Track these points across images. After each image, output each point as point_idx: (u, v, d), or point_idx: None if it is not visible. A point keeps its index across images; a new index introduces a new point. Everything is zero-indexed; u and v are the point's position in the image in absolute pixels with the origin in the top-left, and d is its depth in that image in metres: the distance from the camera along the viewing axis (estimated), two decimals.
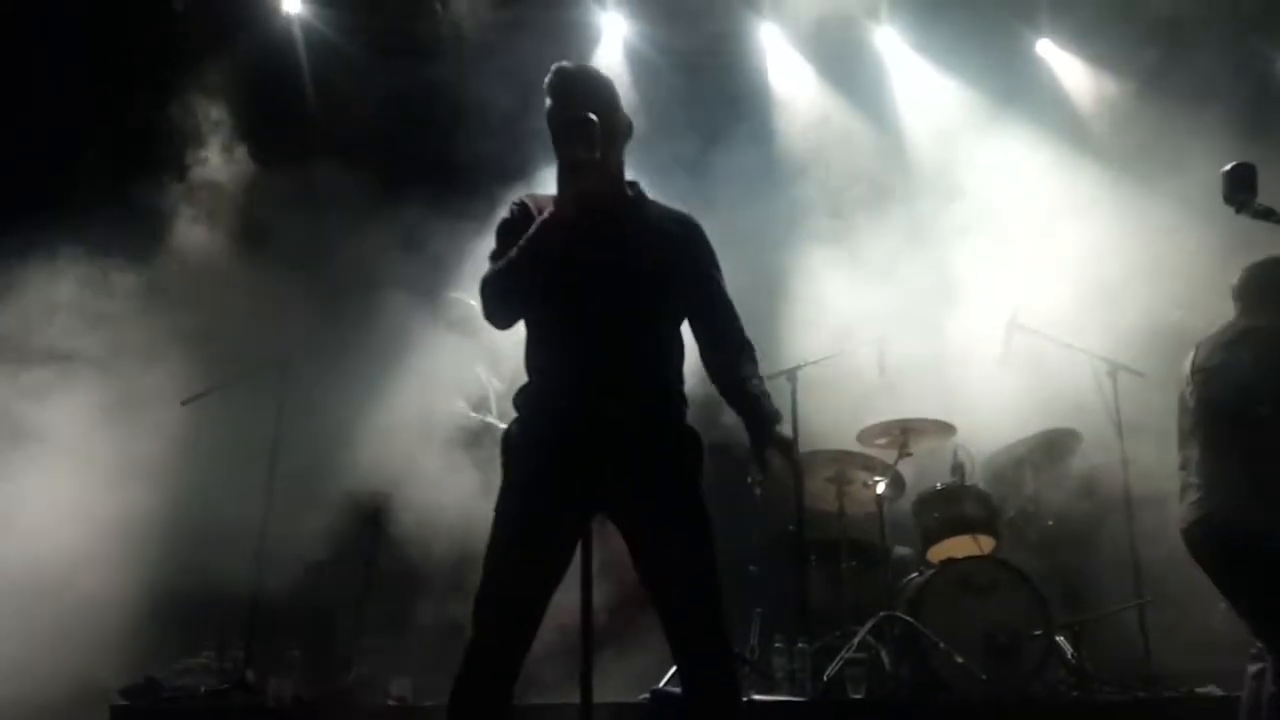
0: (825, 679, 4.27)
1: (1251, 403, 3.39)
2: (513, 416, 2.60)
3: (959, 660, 4.29)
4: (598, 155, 2.44)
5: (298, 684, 4.48)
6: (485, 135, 5.95)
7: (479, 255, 2.67)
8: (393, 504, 5.19)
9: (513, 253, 2.49)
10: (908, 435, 5.06)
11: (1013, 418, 5.29)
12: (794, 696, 4.29)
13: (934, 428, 5.11)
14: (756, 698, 4.24)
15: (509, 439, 2.56)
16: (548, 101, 2.57)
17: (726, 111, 6.67)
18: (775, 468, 2.56)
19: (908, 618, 4.49)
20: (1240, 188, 2.68)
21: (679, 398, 2.60)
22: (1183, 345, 3.81)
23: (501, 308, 2.55)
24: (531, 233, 2.48)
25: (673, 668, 3.83)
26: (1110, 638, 4.94)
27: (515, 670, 2.38)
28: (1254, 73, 6.53)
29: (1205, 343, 3.66)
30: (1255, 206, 2.69)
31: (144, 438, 5.33)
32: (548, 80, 2.57)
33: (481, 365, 5.42)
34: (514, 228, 2.56)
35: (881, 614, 4.55)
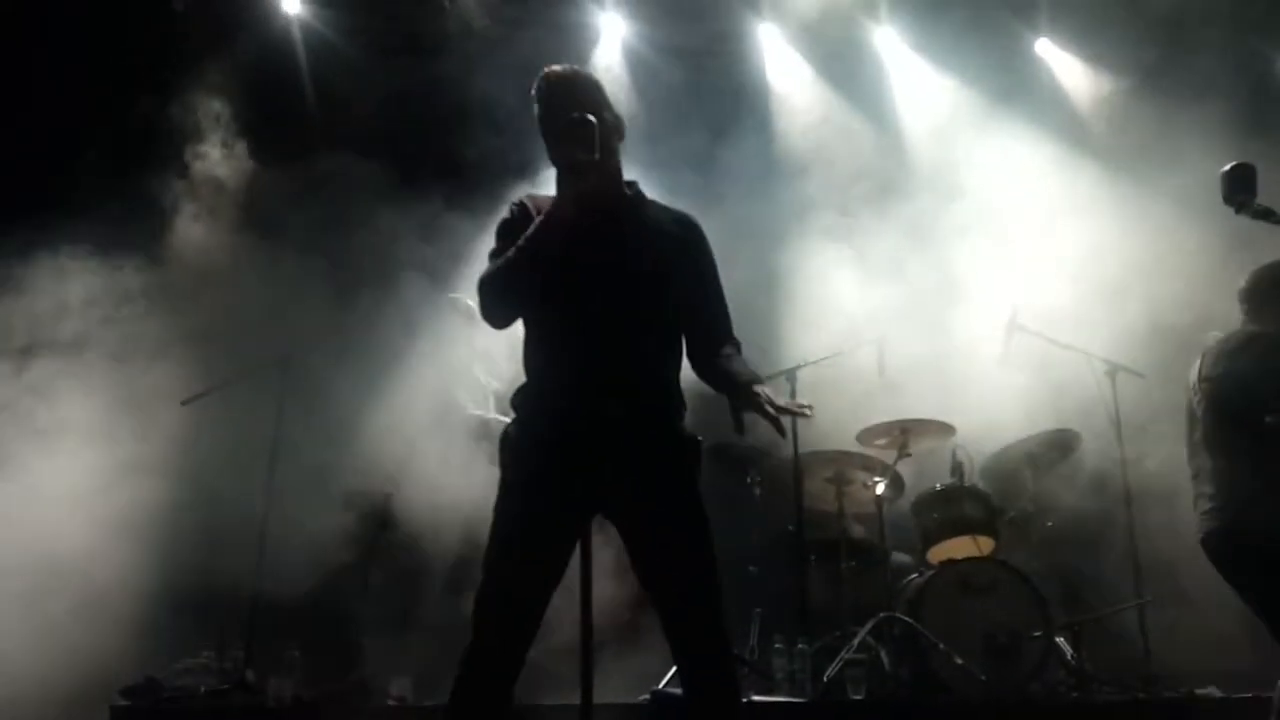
0: (825, 680, 4.27)
1: (1258, 409, 3.39)
2: (511, 416, 2.60)
3: (959, 661, 4.29)
4: (597, 156, 2.45)
5: (298, 684, 4.48)
6: (485, 136, 5.96)
7: (479, 254, 2.68)
8: (393, 503, 5.20)
9: (512, 252, 2.50)
10: (907, 436, 5.06)
11: (1012, 418, 5.29)
12: (794, 697, 4.29)
13: (933, 428, 5.11)
14: (756, 698, 4.23)
15: (508, 439, 2.56)
16: (537, 107, 2.58)
17: (725, 111, 6.66)
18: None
19: (907, 618, 4.49)
20: (1240, 188, 2.68)
21: (678, 398, 2.60)
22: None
23: (500, 307, 2.56)
24: (531, 232, 2.49)
25: (673, 668, 3.83)
26: (1110, 638, 4.94)
27: (515, 670, 2.39)
28: (1253, 72, 6.53)
29: (1210, 350, 3.65)
30: (1255, 207, 2.69)
31: (145, 437, 5.33)
32: (536, 86, 2.58)
33: (479, 364, 5.42)
34: (514, 228, 2.57)
35: (881, 615, 4.55)
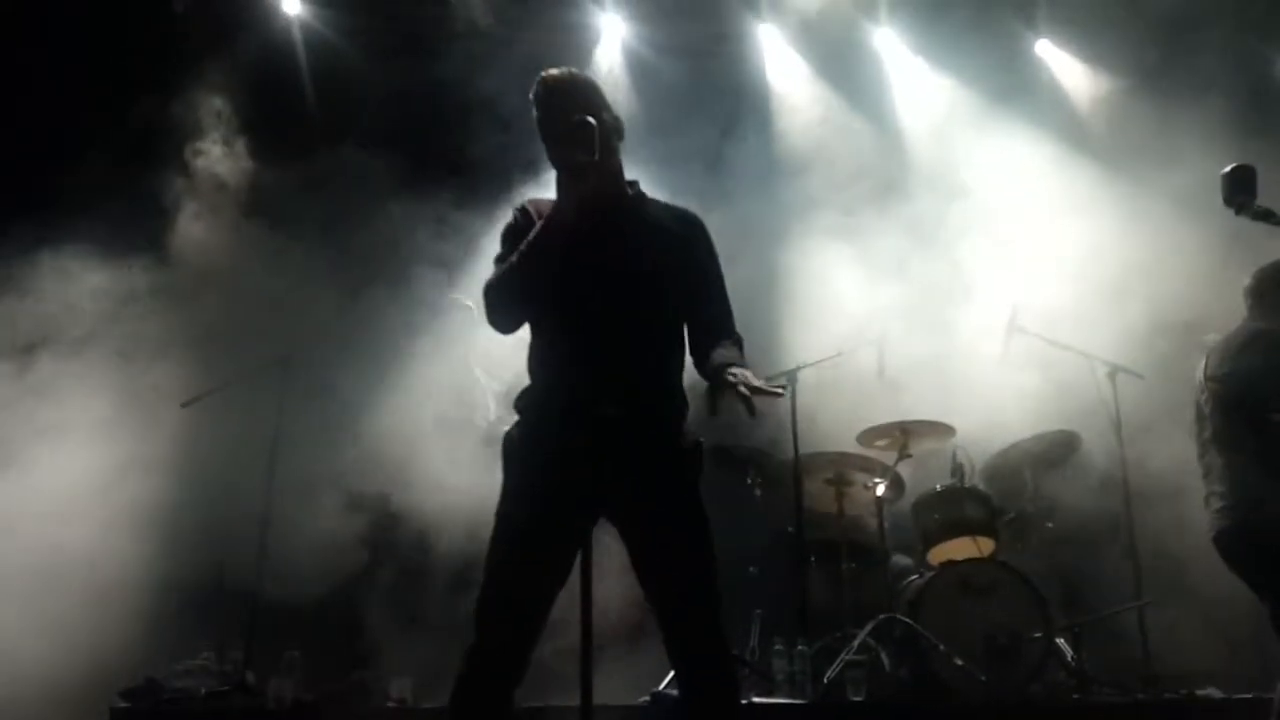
0: (825, 681, 4.27)
1: (1265, 406, 3.39)
2: (514, 418, 2.60)
3: (959, 662, 4.28)
4: (597, 158, 2.45)
5: (298, 685, 4.48)
6: (488, 135, 5.96)
7: (483, 254, 2.68)
8: (394, 505, 5.20)
9: (514, 257, 2.51)
10: (907, 437, 5.06)
11: (1012, 419, 5.29)
12: (794, 699, 4.28)
13: (933, 429, 5.10)
14: (756, 700, 4.23)
15: (510, 440, 2.56)
16: (535, 111, 2.58)
17: (725, 112, 6.66)
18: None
19: (908, 619, 4.49)
20: (1240, 190, 2.68)
21: (680, 400, 2.60)
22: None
23: (504, 311, 2.56)
24: (533, 236, 2.49)
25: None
26: (1110, 639, 4.94)
27: (517, 671, 2.39)
28: (1253, 72, 6.53)
29: (1216, 349, 3.66)
30: (1255, 208, 2.69)
31: (146, 438, 5.33)
32: (534, 90, 2.59)
33: (479, 367, 5.42)
34: (516, 232, 2.58)
35: (881, 616, 4.54)
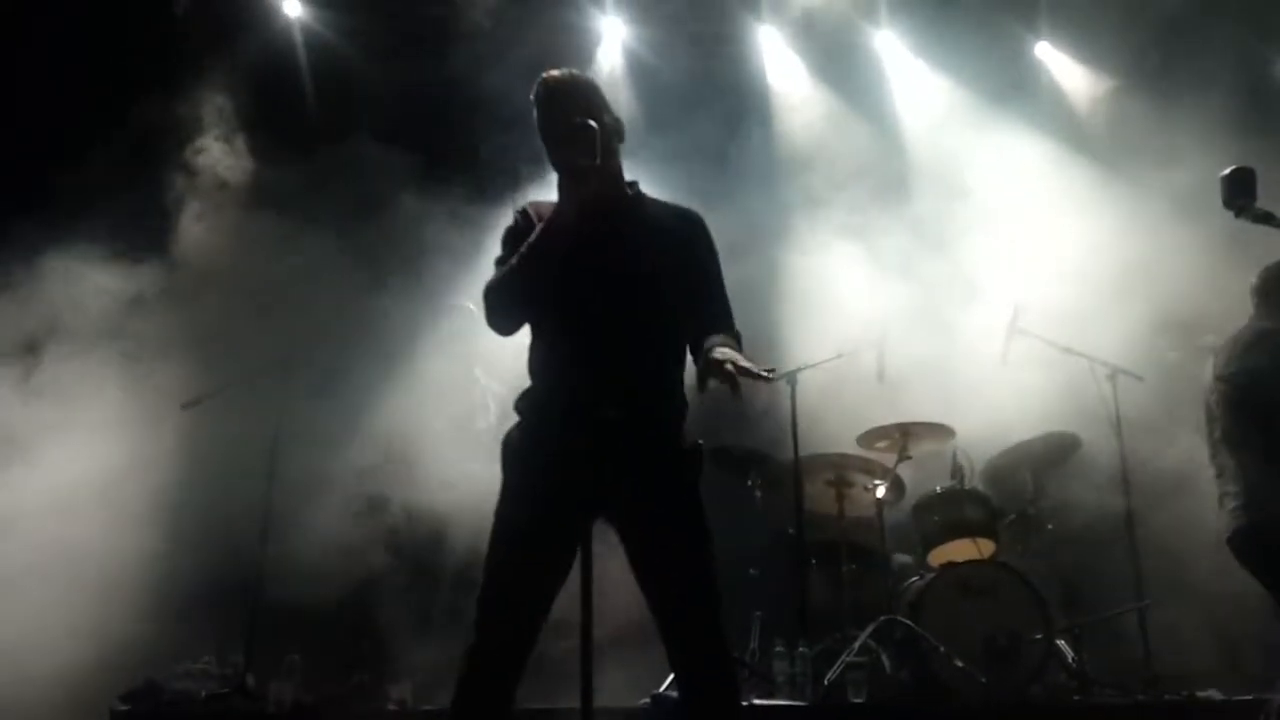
0: (826, 683, 4.27)
1: (1273, 405, 3.40)
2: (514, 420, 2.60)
3: (959, 664, 4.28)
4: (598, 160, 2.45)
5: (298, 689, 4.48)
6: (488, 138, 5.97)
7: (485, 255, 2.69)
8: (395, 507, 5.20)
9: (515, 260, 2.51)
10: (907, 438, 5.06)
11: (1013, 420, 5.29)
12: (794, 701, 4.28)
13: (933, 431, 5.10)
14: (757, 702, 4.23)
15: (509, 442, 2.57)
16: (536, 113, 2.59)
17: (724, 114, 6.67)
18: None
19: (908, 621, 4.49)
20: (1239, 192, 2.68)
21: (679, 401, 2.61)
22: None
23: (504, 313, 2.56)
24: (534, 239, 2.49)
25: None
26: (1110, 641, 4.94)
27: (516, 672, 2.39)
28: (1253, 72, 6.53)
29: (1223, 348, 3.67)
30: (1255, 210, 2.69)
31: (148, 439, 5.33)
32: (534, 91, 2.59)
33: (480, 369, 5.42)
34: (517, 235, 2.58)
35: (882, 617, 4.54)
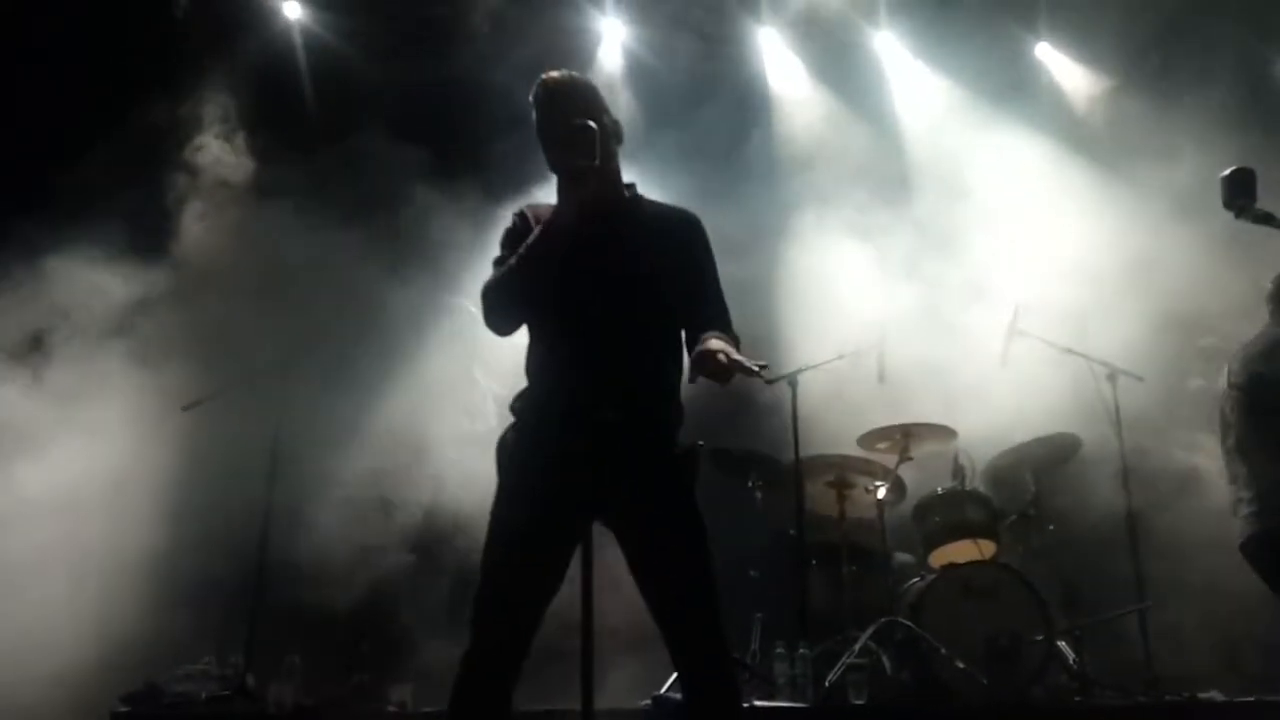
0: (827, 685, 4.27)
1: None
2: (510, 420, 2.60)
3: (960, 665, 4.28)
4: (597, 161, 2.45)
5: (298, 690, 4.48)
6: (487, 141, 5.97)
7: (484, 256, 2.68)
8: (396, 509, 5.20)
9: (513, 260, 2.51)
10: (908, 439, 5.06)
11: (1013, 422, 5.29)
12: (795, 702, 4.28)
13: (934, 432, 5.10)
14: (758, 704, 4.22)
15: (505, 443, 2.56)
16: (535, 114, 2.59)
17: (724, 116, 6.67)
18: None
19: (909, 623, 4.48)
20: (1239, 192, 2.68)
21: (676, 403, 2.60)
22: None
23: (502, 314, 2.56)
24: (532, 240, 2.49)
25: (675, 673, 3.82)
26: (1111, 642, 4.94)
27: (513, 673, 2.38)
28: (1253, 71, 6.53)
29: (1237, 355, 3.68)
30: (1255, 211, 2.69)
31: (149, 440, 5.33)
32: (534, 93, 2.59)
33: (479, 369, 5.42)
34: (515, 236, 2.58)
35: (883, 619, 4.54)
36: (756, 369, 2.35)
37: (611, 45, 6.94)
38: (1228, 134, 5.52)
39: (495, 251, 2.67)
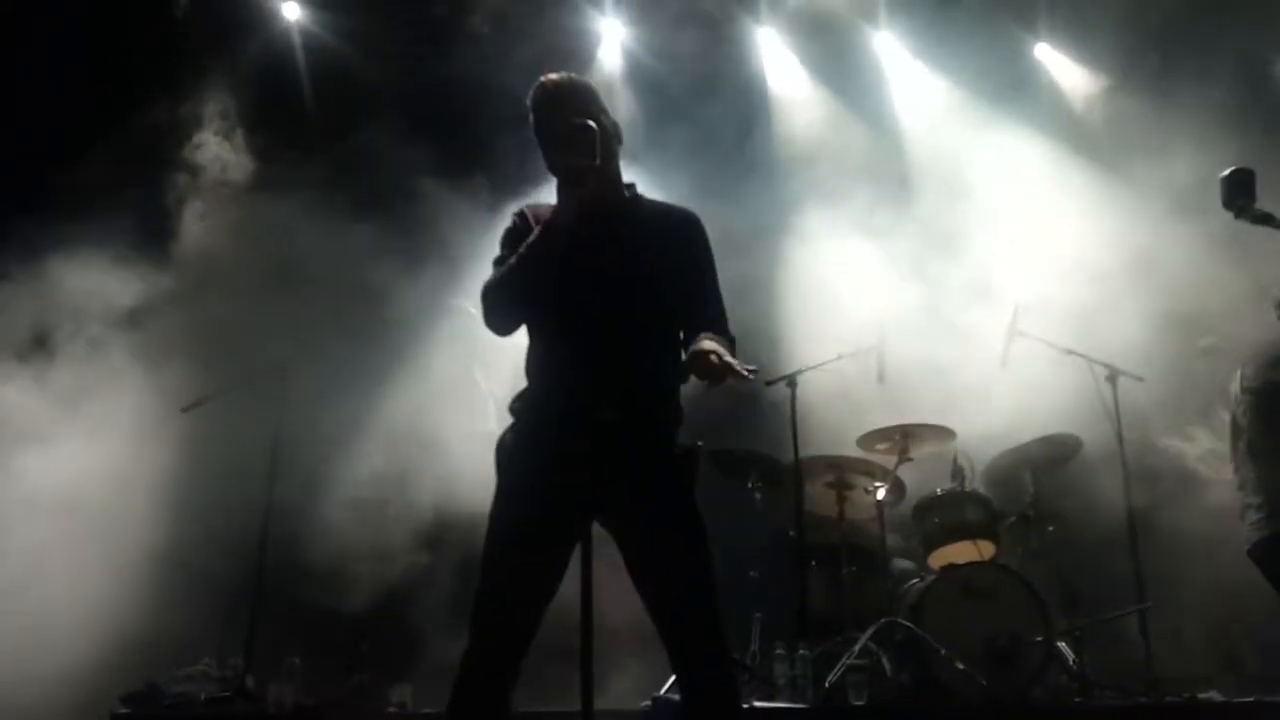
0: (827, 685, 4.26)
1: None
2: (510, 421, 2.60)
3: (960, 666, 4.28)
4: (598, 162, 2.45)
5: (298, 691, 4.48)
6: (488, 142, 5.97)
7: (480, 260, 2.69)
8: (396, 510, 5.20)
9: (513, 260, 2.51)
10: (908, 440, 5.06)
11: (1013, 422, 5.29)
12: (795, 703, 4.27)
13: (934, 433, 5.10)
14: (758, 704, 4.22)
15: (504, 443, 2.56)
16: (533, 116, 2.59)
17: (723, 117, 6.66)
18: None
19: (909, 623, 4.48)
20: (1239, 193, 2.68)
21: (676, 403, 2.60)
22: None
23: (501, 314, 2.56)
24: (532, 240, 2.49)
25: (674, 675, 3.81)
26: (1111, 643, 4.93)
27: (512, 672, 2.39)
28: (1252, 71, 6.52)
29: (1250, 361, 3.69)
30: (1254, 211, 2.69)
31: (149, 441, 5.33)
32: (532, 95, 2.59)
33: (479, 370, 5.42)
34: (515, 236, 2.58)
35: (882, 620, 4.54)
36: (747, 373, 2.35)
37: (611, 46, 6.94)
38: (1227, 133, 5.52)
39: (493, 252, 2.67)
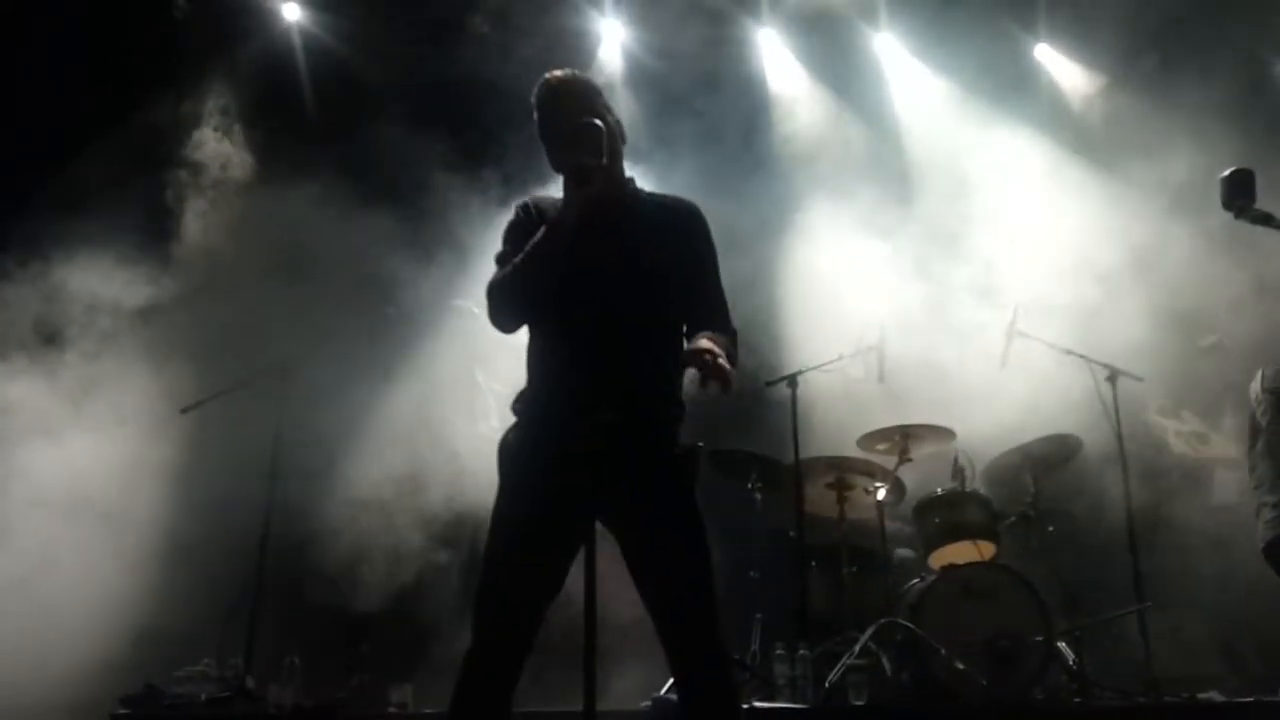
0: (827, 686, 4.26)
1: None
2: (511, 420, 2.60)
3: (960, 666, 4.28)
4: (604, 160, 2.45)
5: (298, 692, 4.48)
6: (488, 141, 5.97)
7: (480, 260, 2.69)
8: (396, 510, 5.20)
9: (520, 258, 2.50)
10: (908, 440, 5.05)
11: (1013, 422, 5.29)
12: (795, 703, 4.27)
13: (934, 433, 5.10)
14: (758, 705, 4.22)
15: (506, 443, 2.56)
16: (537, 113, 2.59)
17: (723, 117, 6.66)
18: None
19: (909, 624, 4.48)
20: (1239, 193, 2.68)
21: (676, 404, 2.60)
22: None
23: (507, 312, 2.56)
24: (538, 239, 2.49)
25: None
26: (1111, 643, 4.94)
27: (514, 673, 2.39)
28: (1252, 70, 6.53)
29: (1272, 362, 3.70)
30: (1254, 212, 2.69)
31: (150, 441, 5.33)
32: (536, 92, 2.58)
33: (480, 370, 5.42)
34: (519, 230, 2.58)
35: (883, 620, 4.54)
36: (723, 386, 2.33)
37: (611, 46, 6.94)
38: (1226, 133, 5.52)
39: (494, 250, 2.67)
